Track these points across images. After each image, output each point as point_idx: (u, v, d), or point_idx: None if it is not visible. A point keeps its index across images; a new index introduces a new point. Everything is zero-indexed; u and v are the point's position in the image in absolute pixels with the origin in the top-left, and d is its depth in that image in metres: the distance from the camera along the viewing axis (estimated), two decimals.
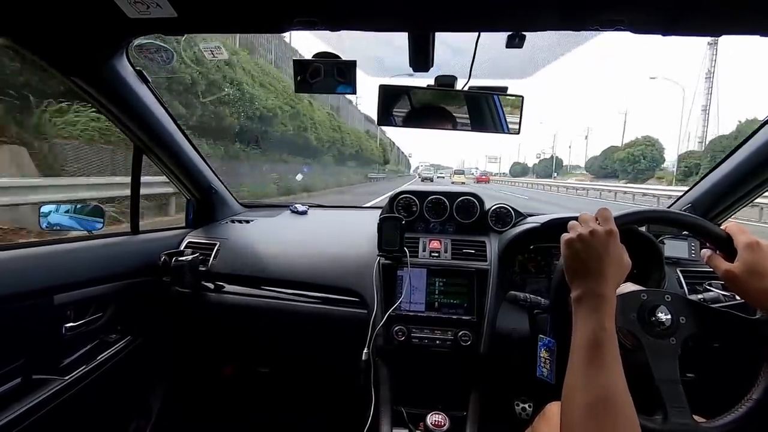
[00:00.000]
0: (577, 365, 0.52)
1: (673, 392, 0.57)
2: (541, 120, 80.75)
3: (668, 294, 0.63)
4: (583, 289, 0.55)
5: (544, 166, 50.20)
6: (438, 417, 1.00)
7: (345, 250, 1.26)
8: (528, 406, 1.23)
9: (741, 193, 1.08)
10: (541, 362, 0.85)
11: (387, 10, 0.71)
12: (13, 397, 0.87)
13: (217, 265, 1.28)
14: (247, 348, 1.47)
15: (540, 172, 49.46)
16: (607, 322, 0.52)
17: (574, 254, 0.58)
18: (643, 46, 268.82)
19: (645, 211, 0.69)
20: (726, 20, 0.69)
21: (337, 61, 0.81)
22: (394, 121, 0.90)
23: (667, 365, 0.59)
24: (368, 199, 9.12)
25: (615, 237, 0.57)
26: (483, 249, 1.16)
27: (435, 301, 1.10)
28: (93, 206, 1.18)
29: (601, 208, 0.60)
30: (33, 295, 0.91)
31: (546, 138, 77.99)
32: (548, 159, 51.84)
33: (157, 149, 1.21)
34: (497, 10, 0.70)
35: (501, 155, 69.19)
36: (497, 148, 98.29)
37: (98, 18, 0.76)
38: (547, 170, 47.60)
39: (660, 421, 0.56)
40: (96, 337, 1.10)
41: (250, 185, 8.61)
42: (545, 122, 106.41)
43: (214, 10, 0.74)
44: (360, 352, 1.06)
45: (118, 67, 0.96)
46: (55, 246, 1.01)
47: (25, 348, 0.91)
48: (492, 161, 70.42)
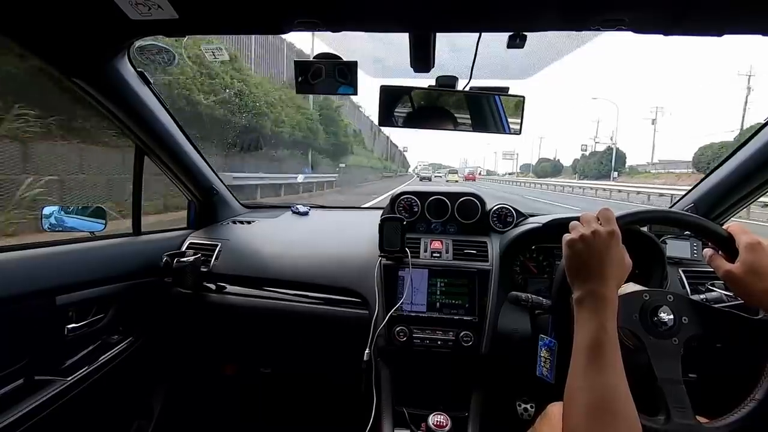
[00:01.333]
0: (578, 366, 0.52)
1: (675, 393, 0.57)
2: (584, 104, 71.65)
3: (670, 294, 0.63)
4: (585, 290, 0.55)
5: (596, 162, 31.78)
6: (440, 417, 1.00)
7: (346, 251, 1.26)
8: (530, 407, 1.23)
9: (743, 193, 1.07)
10: (541, 361, 0.85)
11: (388, 10, 0.71)
12: (16, 398, 0.88)
13: (218, 265, 1.29)
14: (249, 349, 1.47)
15: (589, 171, 32.04)
16: (609, 323, 0.52)
17: (575, 255, 0.57)
18: None
19: (647, 211, 0.69)
20: (727, 20, 0.68)
21: (339, 61, 0.81)
22: (395, 122, 0.91)
23: (670, 365, 0.59)
24: None
25: (617, 238, 0.56)
26: (484, 249, 1.16)
27: (436, 302, 1.09)
28: (95, 207, 1.18)
29: (603, 208, 0.60)
30: (35, 296, 0.91)
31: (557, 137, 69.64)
32: (601, 153, 32.25)
33: (158, 150, 1.21)
34: (498, 10, 0.70)
35: (517, 151, 58.53)
36: (510, 143, 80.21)
37: (100, 19, 0.76)
38: (599, 168, 30.72)
39: (662, 422, 0.56)
40: (98, 338, 1.10)
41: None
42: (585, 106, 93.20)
43: (215, 11, 0.74)
44: (361, 352, 1.05)
45: (120, 68, 0.96)
46: (57, 247, 1.02)
47: (28, 349, 0.91)
48: (508, 158, 58.73)
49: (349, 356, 1.09)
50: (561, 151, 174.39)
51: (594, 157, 33.81)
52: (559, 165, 47.02)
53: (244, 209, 1.66)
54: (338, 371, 1.35)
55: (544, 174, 45.27)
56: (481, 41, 0.80)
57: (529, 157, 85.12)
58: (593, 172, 31.84)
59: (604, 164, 30.72)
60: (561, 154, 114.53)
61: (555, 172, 44.98)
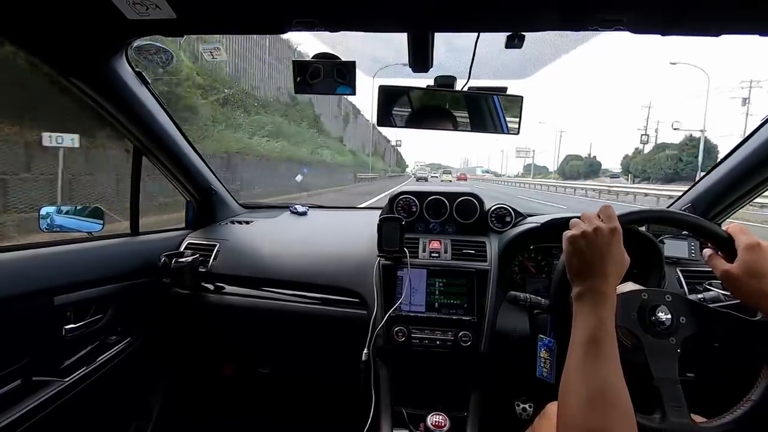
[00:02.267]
0: (574, 361, 0.52)
1: (671, 392, 0.57)
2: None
3: (668, 294, 0.63)
4: (585, 287, 0.55)
5: (667, 158, 23.09)
6: (438, 417, 1.00)
7: (345, 251, 1.26)
8: (528, 407, 1.23)
9: (741, 192, 1.08)
10: (541, 362, 0.85)
11: (386, 10, 0.72)
12: (14, 398, 0.87)
13: (217, 266, 1.28)
14: (247, 349, 1.47)
15: (653, 170, 23.56)
16: (608, 319, 0.52)
17: (577, 251, 0.57)
18: None
19: (648, 211, 0.70)
20: (725, 20, 0.69)
21: (337, 61, 0.81)
22: (393, 122, 0.91)
23: (667, 365, 0.59)
24: None
25: (618, 235, 0.57)
26: (483, 249, 1.16)
27: (435, 302, 1.09)
28: (93, 208, 1.18)
29: (603, 206, 0.60)
30: (33, 296, 0.91)
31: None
32: (679, 145, 23.02)
33: (156, 151, 1.21)
34: (496, 10, 0.70)
35: (532, 148, 48.57)
36: (523, 139, 67.33)
37: (97, 19, 0.76)
38: (673, 166, 22.42)
39: (658, 420, 0.56)
40: (96, 338, 1.10)
41: None
42: None
43: (213, 11, 0.74)
44: (360, 352, 1.06)
45: (118, 68, 0.96)
46: (56, 247, 1.01)
47: (26, 350, 0.91)
48: (522, 155, 48.35)
49: (347, 356, 1.09)
50: (598, 147, 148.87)
51: (660, 151, 24.38)
52: (596, 163, 39.19)
53: (243, 209, 1.66)
54: (337, 371, 1.35)
55: (574, 176, 35.95)
56: (480, 41, 0.81)
57: (547, 156, 74.90)
58: (659, 172, 22.95)
59: (685, 162, 21.60)
60: (597, 150, 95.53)
61: (591, 173, 36.52)
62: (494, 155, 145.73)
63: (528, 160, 54.32)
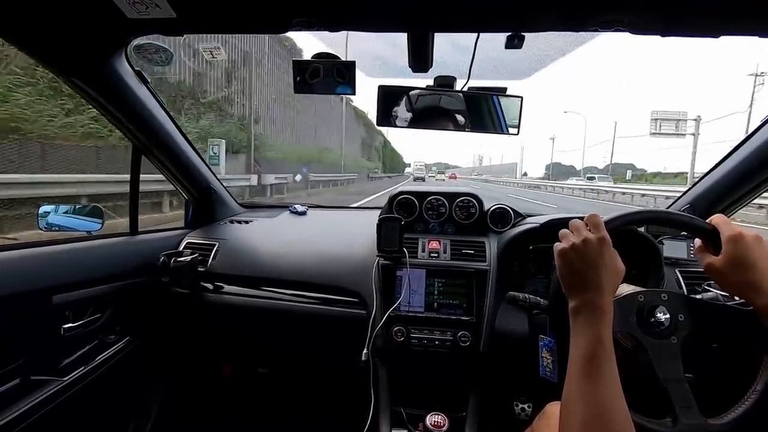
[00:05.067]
0: (574, 379, 0.51)
1: (679, 392, 0.57)
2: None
3: (664, 293, 0.63)
4: (580, 301, 0.54)
5: None
6: (437, 417, 1.00)
7: (344, 251, 1.26)
8: (527, 407, 1.23)
9: (741, 193, 1.07)
10: (543, 362, 0.85)
11: (386, 10, 0.72)
12: (12, 398, 0.87)
13: (216, 265, 1.28)
14: (246, 348, 1.46)
15: None
16: (605, 335, 0.51)
17: (568, 265, 0.57)
18: None
19: (632, 213, 0.69)
20: (725, 21, 0.69)
21: (337, 61, 0.81)
22: (393, 122, 0.90)
23: (671, 365, 0.59)
24: None
25: (608, 244, 0.56)
26: (482, 249, 1.16)
27: (434, 302, 1.09)
28: (91, 207, 1.18)
29: (590, 214, 0.59)
30: (32, 295, 0.90)
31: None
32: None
33: (155, 149, 1.21)
34: (496, 10, 0.70)
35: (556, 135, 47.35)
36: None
37: (97, 18, 0.76)
38: None
39: (670, 424, 0.55)
40: (95, 337, 1.10)
41: None
42: None
43: (213, 10, 0.74)
44: (359, 352, 1.05)
45: (117, 67, 0.95)
46: (54, 246, 1.01)
47: (24, 349, 0.91)
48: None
49: (346, 356, 1.09)
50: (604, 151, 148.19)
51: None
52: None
53: (242, 209, 1.66)
54: (336, 371, 1.35)
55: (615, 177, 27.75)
56: (480, 41, 0.80)
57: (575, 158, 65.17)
58: None
59: None
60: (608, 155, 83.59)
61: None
62: (508, 153, 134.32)
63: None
